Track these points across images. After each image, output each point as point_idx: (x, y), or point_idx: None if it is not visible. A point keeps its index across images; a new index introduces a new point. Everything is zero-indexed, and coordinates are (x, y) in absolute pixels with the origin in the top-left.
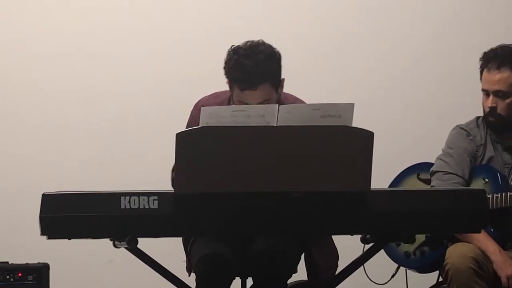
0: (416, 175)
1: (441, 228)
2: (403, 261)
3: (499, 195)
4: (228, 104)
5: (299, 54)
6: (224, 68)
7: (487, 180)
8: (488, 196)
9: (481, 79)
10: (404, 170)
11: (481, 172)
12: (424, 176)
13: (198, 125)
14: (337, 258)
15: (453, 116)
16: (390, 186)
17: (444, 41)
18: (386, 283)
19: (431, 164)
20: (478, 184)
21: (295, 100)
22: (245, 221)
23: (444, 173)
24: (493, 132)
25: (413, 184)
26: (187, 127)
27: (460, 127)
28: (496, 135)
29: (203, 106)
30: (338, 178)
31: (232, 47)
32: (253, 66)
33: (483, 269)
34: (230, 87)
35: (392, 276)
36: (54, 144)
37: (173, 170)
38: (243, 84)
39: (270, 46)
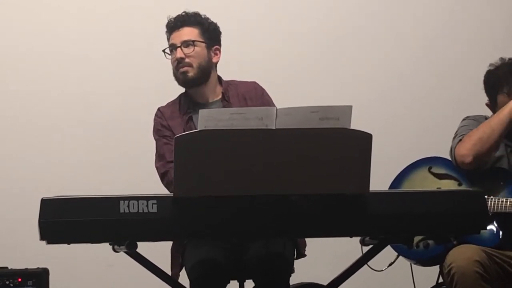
0: (427, 168)
1: (440, 230)
2: (404, 251)
3: None
4: (179, 98)
5: (299, 55)
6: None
7: (502, 183)
8: (503, 199)
9: (494, 102)
10: (416, 161)
11: (498, 175)
12: (436, 170)
13: (160, 127)
14: None
15: (453, 118)
16: (398, 176)
17: (446, 40)
18: (382, 270)
19: (444, 159)
20: (495, 185)
21: (241, 84)
22: (244, 224)
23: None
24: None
25: (423, 176)
26: (155, 133)
27: (469, 118)
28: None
29: (159, 110)
30: (336, 180)
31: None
32: (184, 14)
33: (488, 272)
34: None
35: (390, 265)
36: (54, 149)
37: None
38: (172, 25)
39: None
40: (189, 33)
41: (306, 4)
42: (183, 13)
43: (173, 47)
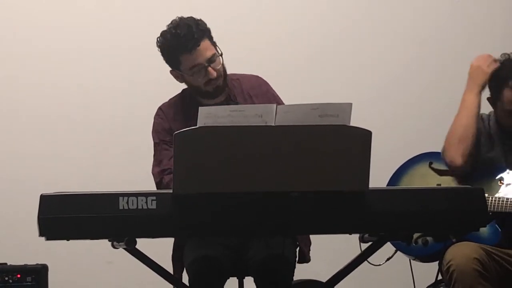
0: (428, 163)
1: (439, 227)
2: (403, 247)
3: None
4: (182, 96)
5: (297, 53)
6: (164, 54)
7: (500, 182)
8: (503, 199)
9: (498, 96)
10: (417, 156)
11: (496, 174)
12: (437, 166)
13: (161, 130)
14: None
15: (453, 116)
16: (398, 170)
17: (445, 38)
18: (380, 264)
19: None
20: (494, 184)
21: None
22: (243, 221)
23: None
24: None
25: (423, 172)
26: (155, 134)
27: None
28: (505, 135)
29: (161, 110)
30: (336, 178)
31: (158, 37)
32: (186, 29)
33: (487, 270)
34: (176, 65)
35: (387, 259)
36: (53, 145)
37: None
38: (188, 46)
39: (190, 17)
40: (206, 47)
41: (306, 4)
42: (185, 29)
43: (199, 67)
